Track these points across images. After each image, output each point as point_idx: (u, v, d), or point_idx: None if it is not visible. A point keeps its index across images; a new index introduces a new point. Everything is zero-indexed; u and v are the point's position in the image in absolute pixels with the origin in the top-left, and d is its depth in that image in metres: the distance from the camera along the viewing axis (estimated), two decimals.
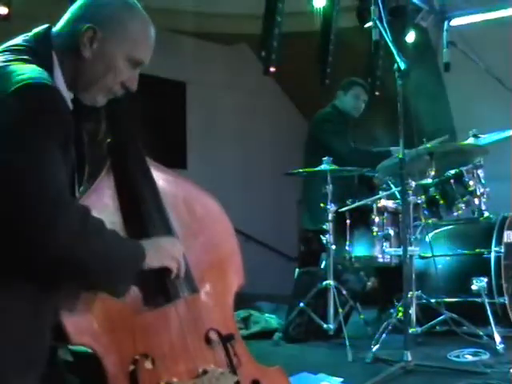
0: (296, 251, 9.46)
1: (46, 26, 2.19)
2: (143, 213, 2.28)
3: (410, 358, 4.11)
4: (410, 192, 4.85)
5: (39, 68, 1.99)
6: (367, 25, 7.06)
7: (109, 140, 2.39)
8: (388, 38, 4.55)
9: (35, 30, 2.17)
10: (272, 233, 9.40)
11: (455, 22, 7.87)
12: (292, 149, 8.74)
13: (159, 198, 2.34)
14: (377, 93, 7.46)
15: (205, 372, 2.25)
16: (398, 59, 4.30)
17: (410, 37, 7.61)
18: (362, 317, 5.32)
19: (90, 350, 2.11)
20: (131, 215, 2.27)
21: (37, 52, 2.08)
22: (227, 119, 9.12)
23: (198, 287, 2.32)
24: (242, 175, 9.14)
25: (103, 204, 2.25)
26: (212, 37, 8.72)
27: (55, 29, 2.17)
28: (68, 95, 2.12)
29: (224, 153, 9.09)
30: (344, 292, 5.12)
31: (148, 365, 2.16)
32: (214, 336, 2.34)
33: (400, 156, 4.24)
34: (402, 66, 4.25)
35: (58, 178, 1.89)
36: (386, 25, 4.66)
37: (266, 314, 5.81)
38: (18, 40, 2.13)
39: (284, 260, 9.44)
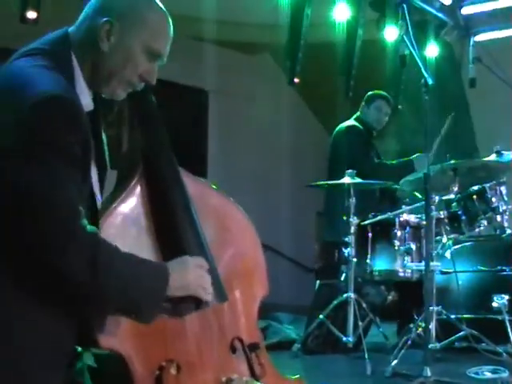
0: (314, 262, 9.47)
1: (63, 28, 2.19)
2: (175, 221, 2.27)
3: (429, 374, 4.12)
4: (433, 207, 4.83)
5: (57, 75, 2.00)
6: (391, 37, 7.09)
7: (141, 146, 2.38)
8: (415, 52, 4.57)
9: (53, 33, 2.17)
10: (291, 243, 9.38)
11: (480, 37, 7.86)
12: (313, 160, 8.77)
13: (191, 206, 2.32)
14: (400, 106, 7.46)
15: (229, 381, 2.27)
16: (425, 74, 4.31)
17: (434, 51, 7.60)
18: (381, 330, 5.30)
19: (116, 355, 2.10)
20: (162, 223, 2.26)
21: (55, 55, 2.08)
22: (249, 129, 9.11)
23: (227, 296, 2.32)
24: (262, 186, 9.13)
25: (135, 213, 2.25)
26: (235, 46, 8.72)
27: (72, 28, 2.18)
28: (88, 95, 2.15)
29: (244, 163, 9.08)
30: (364, 305, 5.11)
31: (174, 371, 2.16)
32: (238, 345, 2.35)
33: (425, 171, 4.24)
34: (429, 81, 4.26)
35: (74, 202, 1.90)
36: (414, 40, 4.67)
37: (285, 325, 5.81)
38: (36, 43, 2.13)
39: (302, 271, 9.42)
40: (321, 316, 5.12)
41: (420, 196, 5.29)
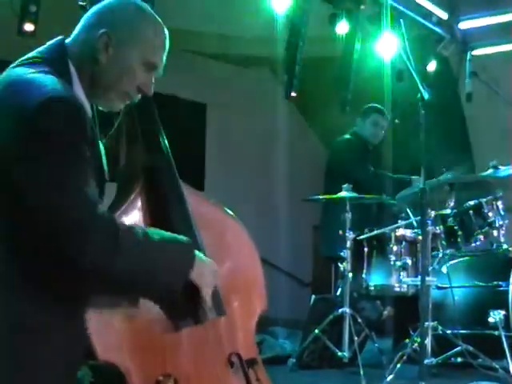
0: (310, 276, 9.44)
1: (59, 37, 2.21)
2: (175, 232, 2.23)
3: None
4: (429, 222, 4.84)
5: (59, 79, 2.02)
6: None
7: (143, 159, 2.40)
8: (412, 67, 4.57)
9: (49, 42, 2.19)
10: (287, 257, 9.36)
11: (477, 51, 7.87)
12: (310, 174, 8.75)
13: (192, 221, 2.33)
14: (397, 120, 7.47)
15: None
16: (421, 89, 4.32)
17: (431, 66, 7.61)
18: (377, 345, 5.28)
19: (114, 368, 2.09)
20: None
21: (53, 62, 2.10)
22: (246, 142, 9.11)
23: (225, 311, 2.31)
24: (259, 199, 9.11)
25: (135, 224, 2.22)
26: (233, 59, 8.74)
27: (69, 39, 2.20)
28: (87, 104, 2.15)
29: (242, 176, 9.07)
30: (359, 320, 5.09)
31: None
32: (236, 360, 2.35)
33: (421, 186, 4.23)
34: (426, 96, 4.26)
35: (89, 193, 1.92)
36: (410, 55, 4.67)
37: (280, 340, 5.79)
38: (33, 53, 2.15)
39: (298, 285, 9.40)
40: (316, 331, 5.11)
41: (412, 212, 5.27)
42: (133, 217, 2.26)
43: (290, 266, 9.48)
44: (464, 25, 7.81)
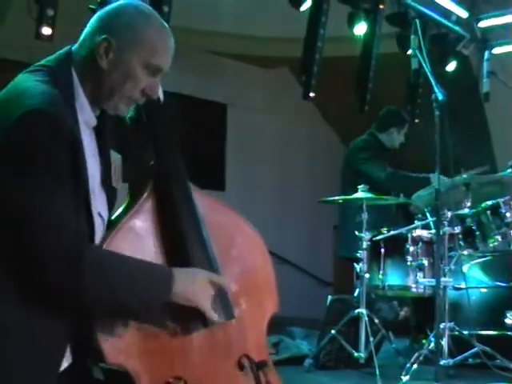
0: (332, 276, 9.44)
1: (69, 46, 2.23)
2: (184, 237, 2.28)
3: None
4: (446, 222, 4.82)
5: (52, 90, 2.05)
6: (408, 52, 7.09)
7: (152, 162, 2.39)
8: (427, 68, 4.57)
9: (58, 52, 2.22)
10: (308, 257, 9.37)
11: (497, 50, 7.84)
12: (330, 174, 8.74)
13: (201, 223, 2.33)
14: (416, 120, 7.44)
15: None
16: (435, 90, 4.31)
17: (451, 65, 7.58)
18: (393, 346, 5.27)
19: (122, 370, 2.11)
20: (171, 239, 2.27)
21: (56, 72, 2.13)
22: (266, 143, 9.14)
23: (234, 314, 2.31)
24: (280, 199, 9.14)
25: (142, 227, 2.26)
26: (253, 59, 8.74)
27: (75, 46, 2.22)
28: (90, 111, 2.18)
29: (262, 176, 9.10)
30: (376, 321, 5.09)
31: None
32: (246, 362, 2.34)
33: (436, 186, 4.23)
34: (440, 96, 4.25)
35: (55, 218, 1.95)
36: (425, 54, 4.66)
37: (298, 340, 5.80)
38: (43, 61, 2.19)
39: (319, 285, 9.41)
40: (332, 331, 5.11)
41: (429, 212, 5.25)
42: (142, 220, 2.27)
43: (310, 266, 9.48)
44: (484, 23, 7.77)
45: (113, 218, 2.29)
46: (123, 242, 2.16)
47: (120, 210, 2.31)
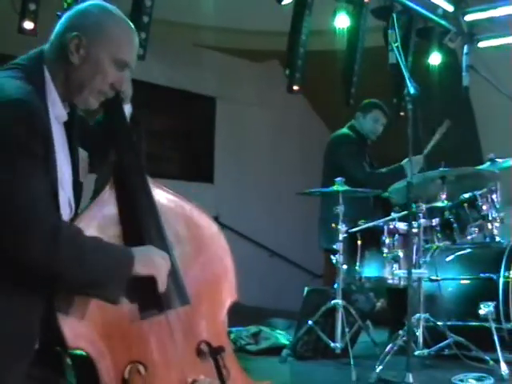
0: (322, 268, 9.48)
1: (41, 46, 2.36)
2: (141, 228, 2.39)
3: (411, 380, 4.16)
4: (421, 215, 4.88)
5: (24, 84, 2.17)
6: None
7: (113, 158, 2.52)
8: (402, 62, 4.61)
9: (32, 51, 2.35)
10: (298, 249, 9.43)
11: (483, 43, 7.88)
12: (321, 167, 8.79)
13: (158, 215, 2.45)
14: (402, 113, 7.48)
15: (194, 382, 2.34)
16: (408, 84, 4.36)
17: (437, 58, 7.62)
18: (370, 337, 5.34)
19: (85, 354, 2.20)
20: (130, 230, 2.39)
21: (29, 69, 2.25)
22: (256, 135, 9.20)
23: (189, 299, 2.41)
24: (270, 192, 9.20)
25: (104, 216, 2.38)
26: (243, 53, 8.81)
27: (47, 45, 2.35)
28: (62, 107, 2.30)
29: (251, 169, 9.16)
30: (353, 312, 5.15)
31: (141, 372, 2.26)
32: (205, 348, 2.43)
33: (408, 180, 4.28)
34: (412, 90, 4.30)
35: (34, 191, 2.06)
36: (401, 48, 4.70)
37: (277, 331, 5.86)
38: (18, 59, 2.32)
39: (309, 277, 9.46)
40: (309, 322, 5.17)
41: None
42: (104, 210, 2.39)
43: (301, 259, 9.54)
44: (470, 17, 7.81)
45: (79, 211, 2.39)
46: (86, 231, 2.24)
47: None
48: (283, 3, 6.25)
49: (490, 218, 5.25)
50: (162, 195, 2.54)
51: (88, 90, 2.31)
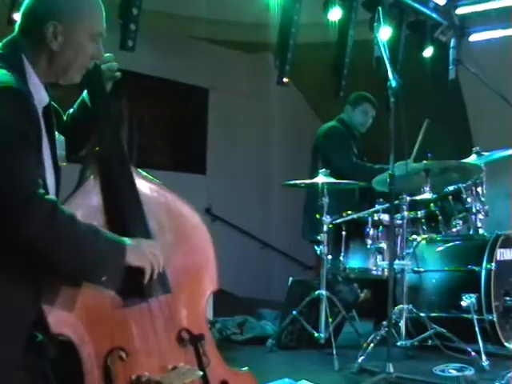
0: (314, 259, 9.52)
1: (14, 34, 2.40)
2: (125, 218, 2.45)
3: (391, 370, 4.20)
4: (404, 207, 4.93)
5: (8, 72, 2.21)
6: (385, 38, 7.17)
7: (97, 148, 2.56)
8: (386, 55, 4.64)
9: (5, 39, 2.38)
10: (289, 241, 9.46)
11: (475, 37, 7.90)
12: None
13: (141, 205, 2.50)
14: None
15: (174, 368, 2.41)
16: (390, 77, 4.39)
17: (429, 51, 7.64)
18: (354, 328, 5.39)
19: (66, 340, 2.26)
20: (114, 218, 2.44)
21: (6, 58, 2.29)
22: (248, 127, 9.22)
23: (170, 288, 2.47)
24: (262, 183, 9.22)
25: (89, 205, 2.43)
26: (236, 45, 8.83)
27: (17, 30, 2.39)
28: (43, 90, 2.37)
29: (243, 160, 9.18)
30: (336, 302, 5.20)
31: (122, 358, 2.32)
32: (186, 335, 2.49)
33: (390, 172, 4.32)
34: (393, 84, 4.34)
35: (32, 174, 2.13)
36: (384, 41, 4.74)
37: (263, 321, 5.91)
38: None
39: (300, 268, 9.50)
40: (294, 312, 5.22)
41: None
42: (89, 199, 2.45)
43: (293, 251, 9.56)
44: (462, 10, 7.83)
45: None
46: None
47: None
48: None
49: (474, 211, 5.30)
50: (144, 185, 2.59)
51: (72, 70, 2.40)
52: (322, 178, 5.17)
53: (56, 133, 2.48)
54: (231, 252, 8.58)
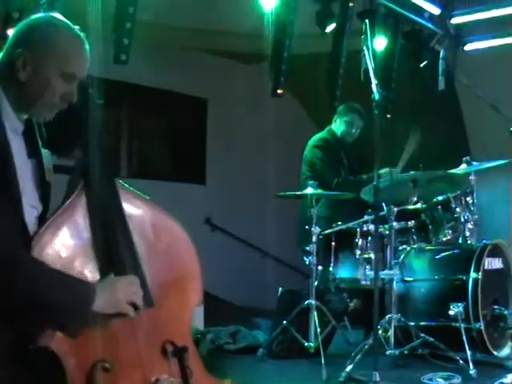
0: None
1: None
2: (109, 231, 2.46)
3: (378, 379, 4.25)
4: (392, 217, 4.99)
5: None
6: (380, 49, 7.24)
7: (82, 163, 2.57)
8: (372, 67, 4.70)
9: None
10: (289, 250, 9.50)
11: (470, 46, 7.95)
12: None
13: (125, 221, 2.52)
14: (388, 116, 7.55)
15: (157, 381, 2.43)
16: (374, 90, 4.45)
17: (424, 61, 7.69)
18: (344, 337, 5.44)
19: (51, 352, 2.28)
20: (99, 233, 2.45)
21: None
22: (247, 137, 9.27)
23: (153, 302, 2.48)
24: (261, 193, 9.26)
25: (75, 221, 2.44)
26: (235, 56, 8.90)
27: (0, 58, 2.38)
28: (16, 121, 2.36)
29: (243, 170, 9.23)
30: (326, 312, 5.25)
31: (106, 370, 2.33)
32: (170, 347, 2.51)
33: (374, 184, 4.38)
34: (377, 96, 4.40)
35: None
36: (371, 54, 4.80)
37: (255, 330, 5.96)
38: None
39: (300, 277, 9.51)
40: (284, 322, 5.27)
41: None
42: (74, 215, 2.45)
43: (292, 259, 9.59)
44: (457, 20, 7.88)
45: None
46: (53, 237, 2.33)
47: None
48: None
49: (463, 220, 5.34)
50: (129, 199, 2.60)
51: (39, 104, 2.35)
52: (310, 189, 5.21)
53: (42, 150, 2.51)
54: (230, 261, 8.66)
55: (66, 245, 2.35)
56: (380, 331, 4.97)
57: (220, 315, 6.34)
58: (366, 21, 5.07)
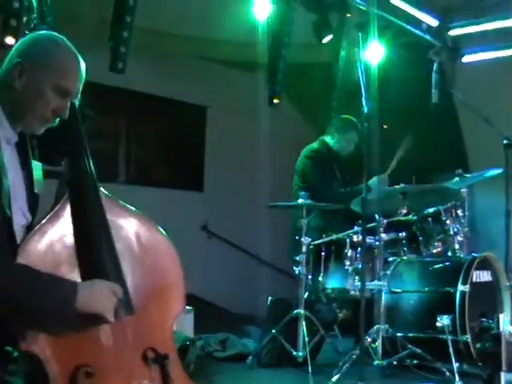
0: None
1: None
2: (92, 240, 2.50)
3: None
4: (382, 229, 5.03)
5: None
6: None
7: (68, 173, 2.63)
8: (363, 81, 4.75)
9: None
10: (284, 258, 9.52)
11: (467, 58, 7.99)
12: None
13: (108, 228, 2.55)
14: (385, 126, 7.59)
15: None
16: (363, 103, 4.50)
17: (421, 72, 7.71)
18: (333, 346, 5.48)
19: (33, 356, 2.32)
20: (83, 241, 2.49)
21: None
22: (246, 144, 9.29)
23: (134, 309, 2.50)
24: (259, 200, 9.27)
25: (60, 229, 2.49)
26: (234, 64, 8.95)
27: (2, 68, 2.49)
28: (10, 130, 2.42)
29: (241, 177, 9.26)
30: (315, 321, 5.29)
31: (89, 375, 2.37)
32: (151, 354, 2.54)
33: (362, 196, 4.42)
34: (366, 110, 4.45)
35: None
36: (363, 66, 4.85)
37: (244, 338, 6.00)
38: None
39: (296, 285, 9.54)
40: (273, 331, 5.32)
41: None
42: (59, 224, 2.50)
43: (289, 267, 9.61)
44: (455, 32, 7.93)
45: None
46: (38, 244, 2.38)
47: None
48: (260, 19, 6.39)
49: (452, 233, 5.37)
50: (112, 208, 2.64)
51: (30, 115, 2.42)
52: (301, 200, 5.26)
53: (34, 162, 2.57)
54: (227, 268, 8.69)
55: (50, 252, 2.40)
56: (368, 341, 5.01)
57: (213, 321, 6.37)
58: (359, 33, 5.12)
